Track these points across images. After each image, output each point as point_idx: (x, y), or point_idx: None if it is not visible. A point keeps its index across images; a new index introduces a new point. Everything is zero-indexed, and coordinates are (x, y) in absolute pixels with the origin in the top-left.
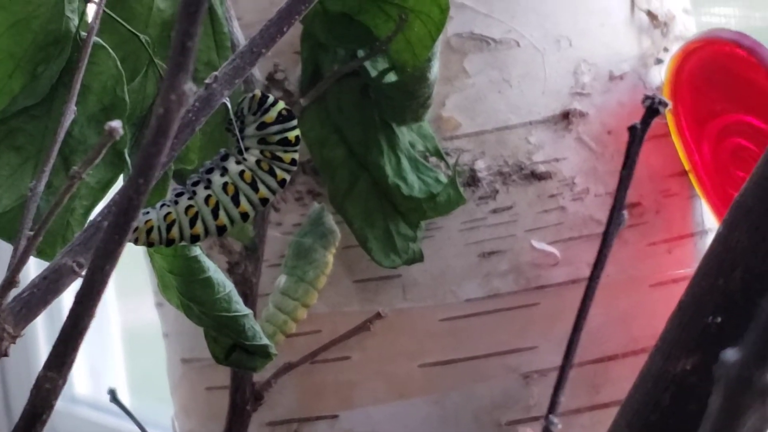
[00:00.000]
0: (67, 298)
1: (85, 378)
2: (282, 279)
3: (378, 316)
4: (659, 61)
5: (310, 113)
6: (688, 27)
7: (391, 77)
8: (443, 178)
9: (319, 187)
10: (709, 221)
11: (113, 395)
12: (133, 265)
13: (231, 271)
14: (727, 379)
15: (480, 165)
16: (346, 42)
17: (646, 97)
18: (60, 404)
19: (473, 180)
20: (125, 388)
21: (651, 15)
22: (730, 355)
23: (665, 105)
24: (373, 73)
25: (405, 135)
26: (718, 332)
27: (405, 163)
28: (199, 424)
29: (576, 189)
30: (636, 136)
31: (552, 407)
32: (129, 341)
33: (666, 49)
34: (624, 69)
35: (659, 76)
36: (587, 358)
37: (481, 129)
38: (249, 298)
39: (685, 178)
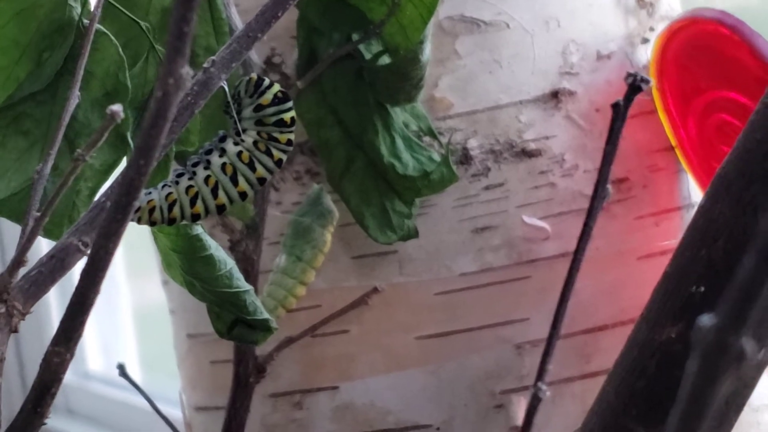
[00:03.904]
0: (78, 276)
1: (97, 355)
2: (281, 258)
3: (375, 290)
4: (645, 41)
5: (307, 95)
6: (673, 7)
7: (385, 60)
8: (436, 157)
9: (317, 167)
10: (696, 195)
11: (122, 370)
12: (143, 246)
13: (232, 249)
14: (704, 344)
15: (472, 143)
16: (341, 26)
17: (629, 75)
18: (74, 380)
19: (466, 158)
20: (136, 364)
21: None
22: (706, 320)
23: (647, 82)
24: (367, 56)
25: (399, 115)
26: (702, 301)
27: (399, 142)
28: (205, 396)
29: (565, 165)
30: (619, 112)
31: (540, 375)
32: (139, 319)
33: (652, 29)
34: (611, 48)
35: (646, 54)
36: (578, 328)
37: (472, 109)
38: (250, 275)
39: (671, 153)
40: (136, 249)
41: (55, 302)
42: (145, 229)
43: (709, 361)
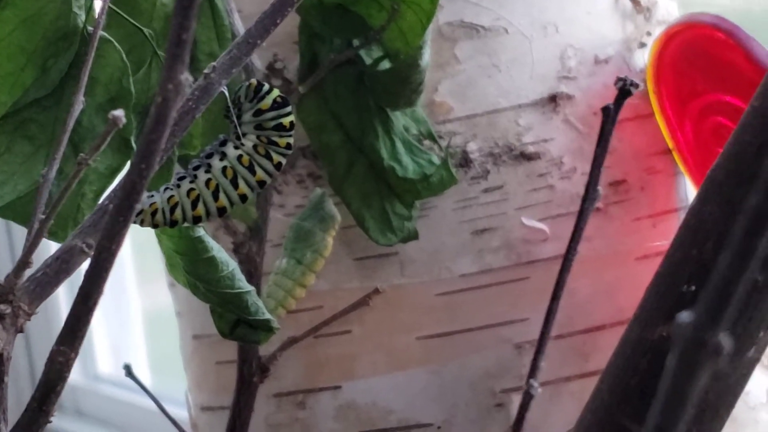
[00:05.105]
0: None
1: (107, 357)
2: (281, 260)
3: (377, 291)
4: (643, 45)
5: (309, 100)
6: (670, 12)
7: (385, 64)
8: (436, 160)
9: (319, 171)
10: (692, 197)
11: (128, 370)
12: (152, 252)
13: (236, 251)
14: (682, 340)
15: (472, 147)
16: (342, 32)
17: (618, 79)
18: (84, 382)
19: (465, 161)
20: (146, 366)
21: (634, 1)
22: (685, 316)
23: (637, 86)
24: (368, 61)
25: (399, 119)
26: (693, 300)
27: (399, 146)
28: (210, 396)
29: (564, 168)
30: (609, 116)
31: (532, 372)
32: (149, 323)
33: (649, 33)
34: (609, 53)
35: (643, 59)
36: (576, 328)
37: (472, 112)
38: (254, 276)
39: (668, 156)
40: (146, 254)
41: (64, 302)
42: (154, 235)
43: (687, 356)
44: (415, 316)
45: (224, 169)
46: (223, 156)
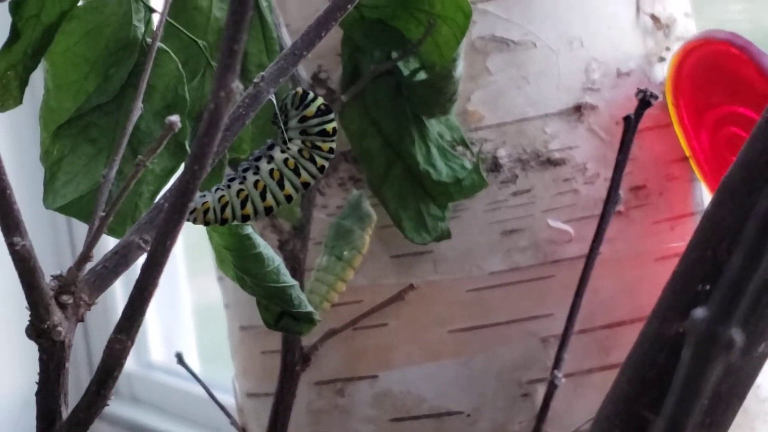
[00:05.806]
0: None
1: (160, 346)
2: (322, 258)
3: (411, 287)
4: (662, 60)
5: (350, 108)
6: (688, 28)
7: (422, 75)
8: (468, 165)
9: (359, 174)
10: (708, 202)
11: (180, 358)
12: (202, 247)
13: (281, 248)
14: (696, 334)
15: (501, 153)
16: (382, 45)
17: (639, 91)
18: (138, 369)
19: (495, 166)
20: (195, 355)
21: (654, 18)
22: (699, 312)
23: (655, 98)
24: (406, 72)
25: (434, 127)
26: (707, 299)
27: (434, 151)
28: (255, 383)
29: (587, 174)
30: (630, 125)
31: (556, 364)
32: (199, 315)
33: (668, 49)
34: (630, 67)
35: (662, 72)
36: (599, 324)
37: (502, 121)
38: (297, 272)
39: (686, 164)
40: (196, 250)
41: (120, 294)
42: (204, 232)
43: (701, 349)
44: (447, 311)
45: (271, 171)
46: (271, 159)
